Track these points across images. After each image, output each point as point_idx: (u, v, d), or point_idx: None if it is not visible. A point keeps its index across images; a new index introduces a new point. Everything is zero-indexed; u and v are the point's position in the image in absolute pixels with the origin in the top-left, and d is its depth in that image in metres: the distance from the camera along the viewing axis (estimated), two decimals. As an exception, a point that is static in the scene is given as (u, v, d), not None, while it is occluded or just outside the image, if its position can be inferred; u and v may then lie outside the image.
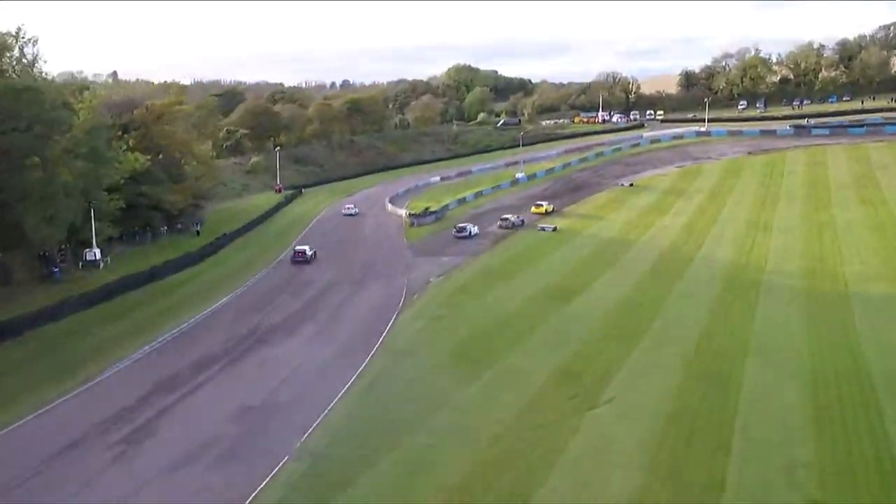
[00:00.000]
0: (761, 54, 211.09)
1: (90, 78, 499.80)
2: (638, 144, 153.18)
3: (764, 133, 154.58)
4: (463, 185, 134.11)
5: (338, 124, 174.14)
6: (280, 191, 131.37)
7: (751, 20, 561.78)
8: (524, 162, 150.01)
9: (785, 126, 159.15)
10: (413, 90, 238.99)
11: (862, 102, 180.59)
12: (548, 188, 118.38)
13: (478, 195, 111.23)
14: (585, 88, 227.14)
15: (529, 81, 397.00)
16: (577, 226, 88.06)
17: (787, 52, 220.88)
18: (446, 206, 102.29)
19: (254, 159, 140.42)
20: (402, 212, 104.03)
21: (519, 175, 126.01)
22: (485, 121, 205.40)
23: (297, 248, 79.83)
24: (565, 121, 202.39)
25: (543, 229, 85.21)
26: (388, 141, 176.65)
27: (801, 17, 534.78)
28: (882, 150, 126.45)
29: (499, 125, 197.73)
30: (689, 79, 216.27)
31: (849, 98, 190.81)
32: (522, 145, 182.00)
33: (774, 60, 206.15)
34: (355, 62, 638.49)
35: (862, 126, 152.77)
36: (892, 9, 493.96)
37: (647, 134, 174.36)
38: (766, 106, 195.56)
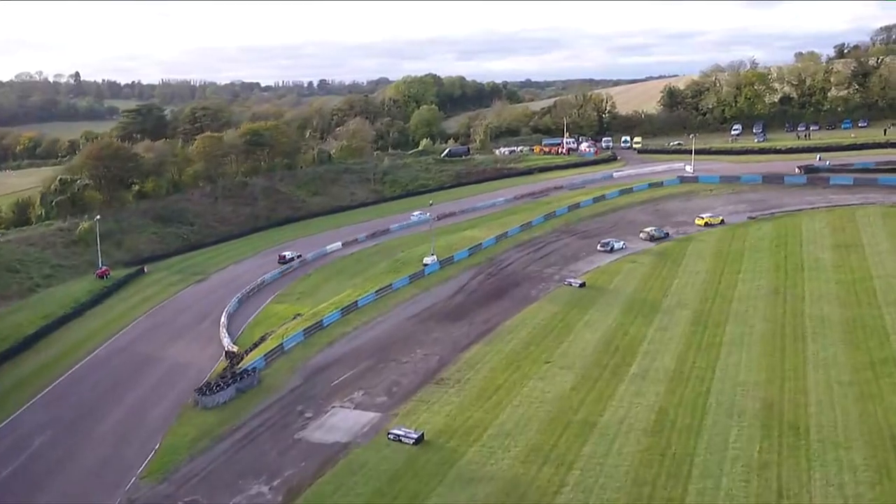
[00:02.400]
0: (758, 67, 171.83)
1: (51, 80, 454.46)
2: (603, 198, 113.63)
3: (767, 181, 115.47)
4: (364, 259, 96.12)
5: (233, 162, 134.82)
6: (104, 275, 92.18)
7: (741, 17, 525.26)
8: (457, 215, 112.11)
9: (794, 170, 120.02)
10: (350, 108, 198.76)
11: (884, 132, 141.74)
12: (460, 289, 79.15)
13: (346, 311, 71.66)
14: (550, 107, 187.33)
15: (504, 86, 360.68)
16: (458, 425, 48.67)
17: (787, 61, 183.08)
18: (280, 347, 62.91)
19: (82, 225, 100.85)
20: (227, 343, 65.71)
21: (428, 260, 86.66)
22: (427, 149, 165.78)
23: (281, 254, 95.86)
24: (524, 149, 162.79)
25: (398, 439, 46.00)
26: (296, 182, 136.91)
27: (791, 15, 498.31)
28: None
29: (443, 155, 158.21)
30: (672, 97, 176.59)
31: (865, 124, 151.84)
32: (467, 184, 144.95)
33: (774, 75, 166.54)
34: (343, 58, 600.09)
35: (894, 171, 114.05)
36: (884, 8, 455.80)
37: (618, 173, 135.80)
38: (765, 132, 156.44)
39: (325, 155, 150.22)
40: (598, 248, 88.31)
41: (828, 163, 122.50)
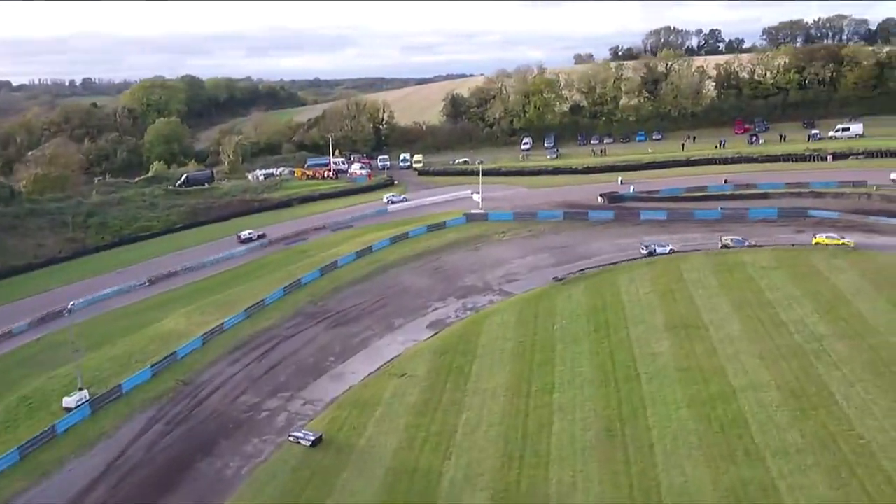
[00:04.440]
0: (545, 71, 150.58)
1: None
2: (370, 250, 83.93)
3: (569, 217, 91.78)
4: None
5: None
6: None
7: (521, 18, 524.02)
8: (178, 276, 77.64)
9: (596, 198, 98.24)
10: (67, 121, 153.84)
11: (682, 146, 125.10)
12: (108, 468, 45.59)
13: None
14: (319, 118, 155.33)
15: (283, 88, 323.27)
16: None
17: (567, 62, 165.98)
18: None
19: None
20: None
21: (71, 401, 51.59)
22: (160, 174, 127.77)
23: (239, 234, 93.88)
24: (283, 172, 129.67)
25: None
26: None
27: (566, 16, 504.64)
28: (779, 277, 66.79)
29: (178, 183, 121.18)
30: (455, 105, 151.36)
31: (660, 136, 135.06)
32: (206, 222, 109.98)
33: (563, 82, 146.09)
34: (119, 54, 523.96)
35: (708, 198, 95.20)
36: (644, 9, 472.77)
37: (394, 205, 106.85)
38: (556, 146, 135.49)
39: (7, 191, 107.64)
40: (642, 250, 75.77)
41: (632, 188, 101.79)
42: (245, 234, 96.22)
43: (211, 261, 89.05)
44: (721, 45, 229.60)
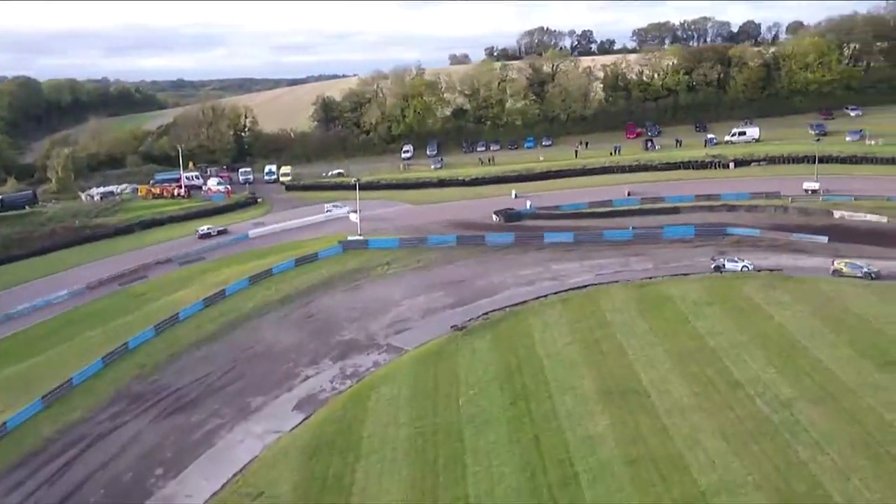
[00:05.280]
0: (424, 72, 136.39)
1: None
2: (222, 295, 66.58)
3: (463, 242, 77.90)
4: None
5: None
6: None
7: (396, 18, 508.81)
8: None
9: (490, 216, 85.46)
10: None
11: (576, 153, 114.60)
12: None
13: None
14: (170, 125, 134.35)
15: (139, 90, 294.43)
16: None
17: (443, 62, 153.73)
18: None
19: None
20: None
21: None
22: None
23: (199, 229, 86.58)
24: (125, 190, 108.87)
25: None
26: None
27: (445, 17, 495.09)
28: (715, 316, 55.89)
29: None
30: (327, 110, 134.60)
31: (550, 142, 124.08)
32: (23, 256, 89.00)
33: (444, 85, 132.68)
34: None
35: (614, 214, 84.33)
36: (518, 10, 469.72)
37: (257, 229, 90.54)
38: (440, 154, 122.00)
39: None
40: (710, 264, 64.77)
41: (529, 204, 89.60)
42: (203, 229, 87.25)
43: (19, 311, 69.18)
44: (594, 46, 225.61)
